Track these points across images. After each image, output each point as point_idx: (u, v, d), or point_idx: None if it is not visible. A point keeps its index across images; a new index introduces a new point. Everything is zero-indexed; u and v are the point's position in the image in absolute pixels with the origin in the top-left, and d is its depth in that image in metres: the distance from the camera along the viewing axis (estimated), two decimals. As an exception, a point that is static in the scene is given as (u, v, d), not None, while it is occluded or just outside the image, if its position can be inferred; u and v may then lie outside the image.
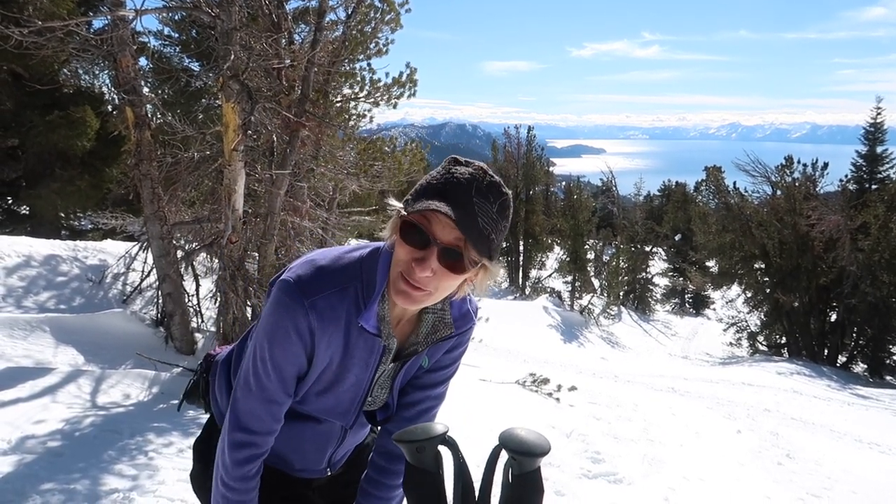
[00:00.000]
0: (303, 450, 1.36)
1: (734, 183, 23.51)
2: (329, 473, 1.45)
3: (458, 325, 1.26)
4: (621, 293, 26.16)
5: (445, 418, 1.12)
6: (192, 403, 1.54)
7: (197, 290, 7.18)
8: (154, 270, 6.61)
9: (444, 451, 1.00)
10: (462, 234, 1.00)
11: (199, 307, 7.15)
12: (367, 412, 1.33)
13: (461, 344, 1.33)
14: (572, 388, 7.72)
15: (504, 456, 0.94)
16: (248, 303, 5.72)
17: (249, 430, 1.18)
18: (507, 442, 0.91)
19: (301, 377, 1.20)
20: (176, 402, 4.84)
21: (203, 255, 7.49)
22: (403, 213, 1.04)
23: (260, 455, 1.22)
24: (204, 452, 1.39)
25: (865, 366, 19.34)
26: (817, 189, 20.92)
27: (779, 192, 21.33)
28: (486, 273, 1.09)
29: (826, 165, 20.89)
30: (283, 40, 6.28)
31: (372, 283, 1.13)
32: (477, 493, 0.97)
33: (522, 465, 0.91)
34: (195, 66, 9.09)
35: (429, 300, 1.09)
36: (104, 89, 12.27)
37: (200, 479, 1.40)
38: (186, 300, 6.52)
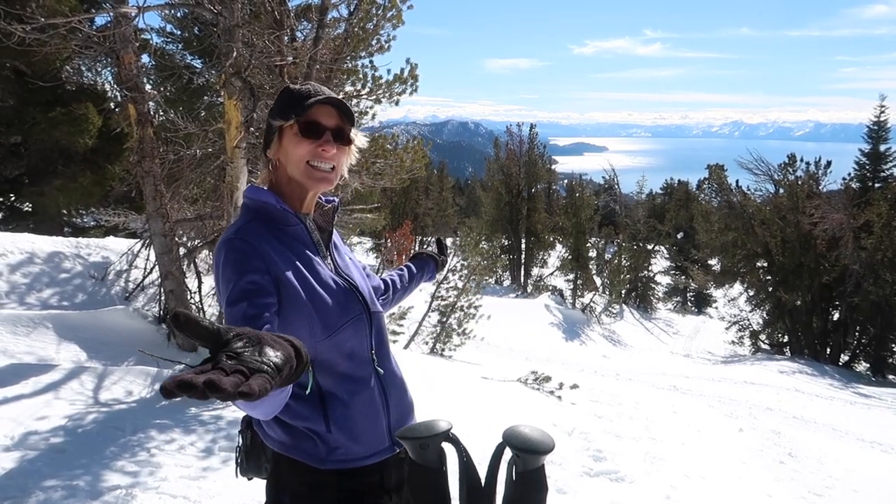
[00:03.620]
0: (359, 430, 1.31)
1: (737, 181, 23.50)
2: (398, 451, 1.38)
3: (327, 201, 1.49)
4: (623, 291, 26.13)
5: (447, 415, 1.11)
6: (250, 473, 1.41)
7: (199, 287, 7.18)
8: (156, 267, 6.62)
9: (448, 448, 0.98)
10: (339, 115, 1.32)
11: (202, 304, 7.16)
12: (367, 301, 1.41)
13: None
14: (574, 387, 7.73)
15: (508, 453, 0.93)
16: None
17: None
18: (511, 439, 0.90)
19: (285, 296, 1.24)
20: (178, 399, 4.84)
21: (205, 252, 7.50)
22: (296, 119, 1.28)
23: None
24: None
25: (868, 365, 19.30)
26: (820, 187, 20.87)
27: (782, 191, 21.30)
28: (353, 147, 1.39)
29: (829, 163, 20.84)
30: (286, 37, 6.27)
31: (262, 202, 1.32)
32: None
33: (526, 462, 0.90)
34: (197, 64, 9.09)
35: (336, 178, 1.36)
36: (107, 86, 12.28)
37: None
38: (189, 297, 6.53)
